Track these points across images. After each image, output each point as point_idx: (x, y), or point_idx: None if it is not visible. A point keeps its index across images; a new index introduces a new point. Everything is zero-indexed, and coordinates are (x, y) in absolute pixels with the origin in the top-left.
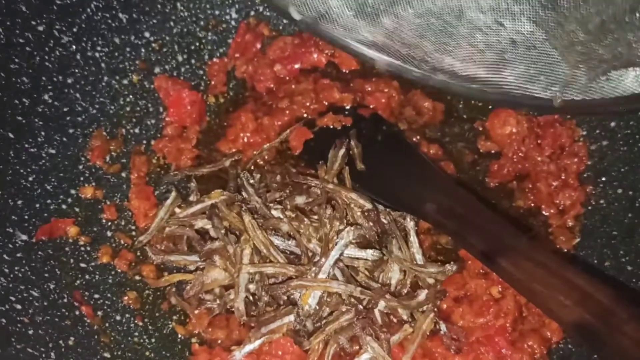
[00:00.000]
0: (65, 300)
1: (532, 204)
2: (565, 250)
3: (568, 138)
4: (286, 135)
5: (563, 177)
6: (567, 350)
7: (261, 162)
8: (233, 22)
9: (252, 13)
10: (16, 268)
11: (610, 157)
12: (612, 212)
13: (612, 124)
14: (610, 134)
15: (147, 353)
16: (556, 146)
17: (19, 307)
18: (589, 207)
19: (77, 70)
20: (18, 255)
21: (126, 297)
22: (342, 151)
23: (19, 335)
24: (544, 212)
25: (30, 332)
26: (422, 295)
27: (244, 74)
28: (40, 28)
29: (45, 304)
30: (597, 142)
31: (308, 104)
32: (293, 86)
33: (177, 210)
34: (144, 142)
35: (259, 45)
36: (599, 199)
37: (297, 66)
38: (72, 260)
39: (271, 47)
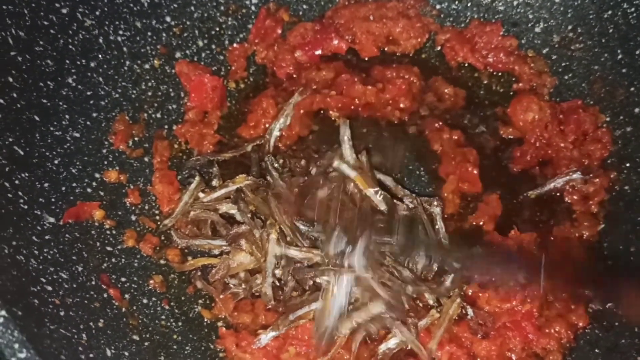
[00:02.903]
0: (93, 282)
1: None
2: (590, 236)
3: (591, 124)
4: None
5: (586, 163)
6: (595, 335)
7: (283, 148)
8: (253, 8)
9: None
10: (45, 250)
11: (635, 143)
12: (637, 198)
13: (637, 110)
14: (635, 120)
15: (175, 336)
16: (579, 132)
17: (49, 288)
18: (613, 194)
19: (99, 54)
20: (46, 237)
21: (152, 281)
22: None
23: (52, 316)
24: (566, 199)
25: (62, 313)
26: (449, 280)
27: (264, 59)
28: (64, 11)
29: (75, 286)
30: (621, 128)
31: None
32: (314, 73)
33: (201, 194)
34: (166, 126)
35: (279, 31)
36: (623, 185)
37: (317, 52)
38: (98, 244)
39: (291, 32)
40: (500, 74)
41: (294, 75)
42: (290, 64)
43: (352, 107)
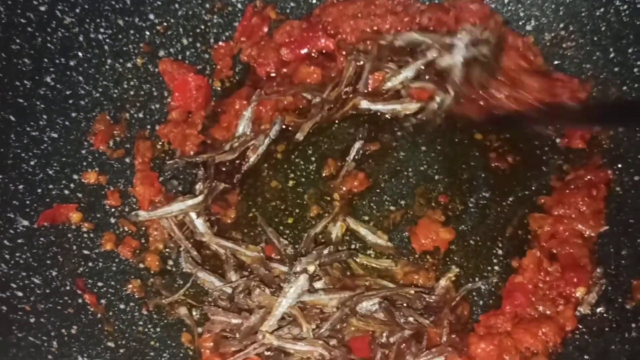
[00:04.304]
0: (67, 287)
1: None
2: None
3: None
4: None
5: None
6: (584, 340)
7: None
8: (239, 5)
9: None
10: (17, 254)
11: (627, 144)
12: (629, 200)
13: None
14: None
15: (152, 342)
16: None
17: (20, 294)
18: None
19: (80, 53)
20: (19, 241)
21: (130, 285)
22: None
23: (20, 324)
24: None
25: (32, 320)
26: None
27: (248, 57)
28: (43, 8)
29: (47, 291)
30: (613, 129)
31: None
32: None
33: (202, 230)
34: (148, 127)
35: (265, 29)
36: (615, 186)
37: (303, 51)
38: (74, 247)
39: (278, 30)
40: None
41: (273, 74)
42: (273, 62)
43: None
